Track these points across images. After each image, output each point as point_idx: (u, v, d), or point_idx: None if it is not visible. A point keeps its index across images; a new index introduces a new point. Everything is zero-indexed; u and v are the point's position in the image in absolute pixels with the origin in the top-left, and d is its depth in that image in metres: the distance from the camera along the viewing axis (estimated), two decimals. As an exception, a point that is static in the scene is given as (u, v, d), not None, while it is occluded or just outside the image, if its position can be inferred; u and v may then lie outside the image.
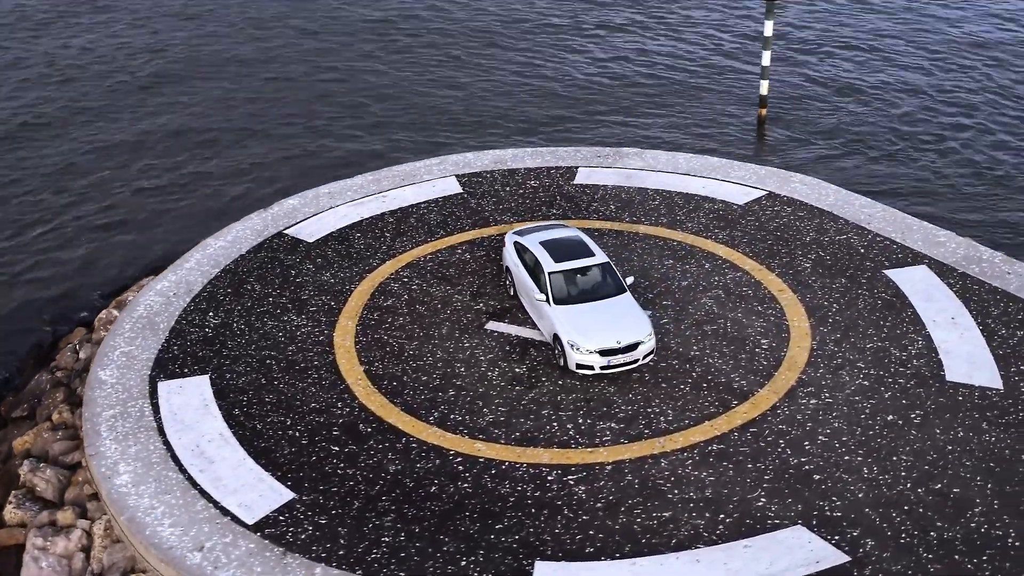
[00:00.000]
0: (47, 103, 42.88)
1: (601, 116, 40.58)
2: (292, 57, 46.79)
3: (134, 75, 45.55)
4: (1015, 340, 23.61)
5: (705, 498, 19.77)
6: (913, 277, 26.07)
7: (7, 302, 30.24)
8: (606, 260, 24.27)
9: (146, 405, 22.91)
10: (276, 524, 19.68)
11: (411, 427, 21.90)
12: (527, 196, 30.43)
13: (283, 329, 25.11)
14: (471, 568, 18.46)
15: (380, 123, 41.01)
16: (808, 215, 29.01)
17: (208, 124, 40.99)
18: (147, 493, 20.54)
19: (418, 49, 47.35)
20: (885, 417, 21.57)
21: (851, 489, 19.80)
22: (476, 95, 42.91)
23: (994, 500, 19.44)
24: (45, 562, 20.45)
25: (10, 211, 34.99)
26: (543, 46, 47.15)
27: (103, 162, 38.19)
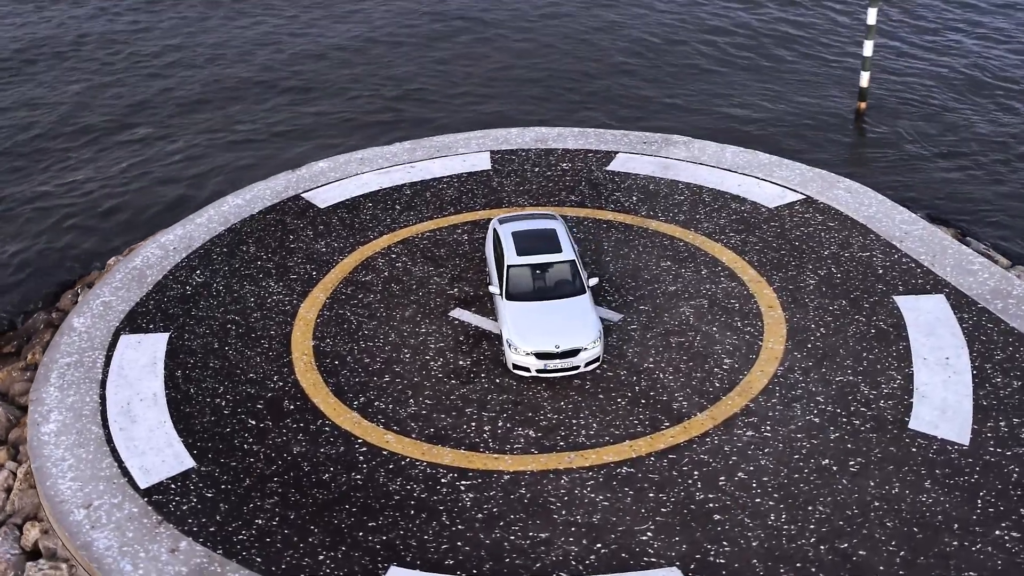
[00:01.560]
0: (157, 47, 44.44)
1: (685, 99, 38.68)
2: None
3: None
4: (1007, 391, 21.18)
5: (590, 523, 18.73)
6: (923, 307, 23.76)
7: (45, 239, 31.62)
8: (572, 258, 23.16)
9: (100, 357, 23.52)
10: (166, 491, 19.90)
11: (332, 410, 21.66)
12: (552, 179, 29.43)
13: (257, 295, 25.27)
14: (325, 564, 18.15)
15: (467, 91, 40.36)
16: (838, 226, 26.85)
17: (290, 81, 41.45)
18: (64, 444, 21.13)
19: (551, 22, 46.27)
20: (820, 461, 19.81)
21: (747, 536, 18.32)
22: (580, 70, 41.49)
23: (899, 571, 17.56)
24: (-21, 497, 21.37)
25: (60, 149, 36.44)
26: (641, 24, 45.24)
27: (166, 109, 39.22)
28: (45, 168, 35.35)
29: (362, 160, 31.28)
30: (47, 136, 37.34)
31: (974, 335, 22.81)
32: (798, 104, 37.56)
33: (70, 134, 37.44)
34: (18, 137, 37.11)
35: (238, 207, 29.08)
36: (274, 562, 18.25)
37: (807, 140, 35.00)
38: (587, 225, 27.36)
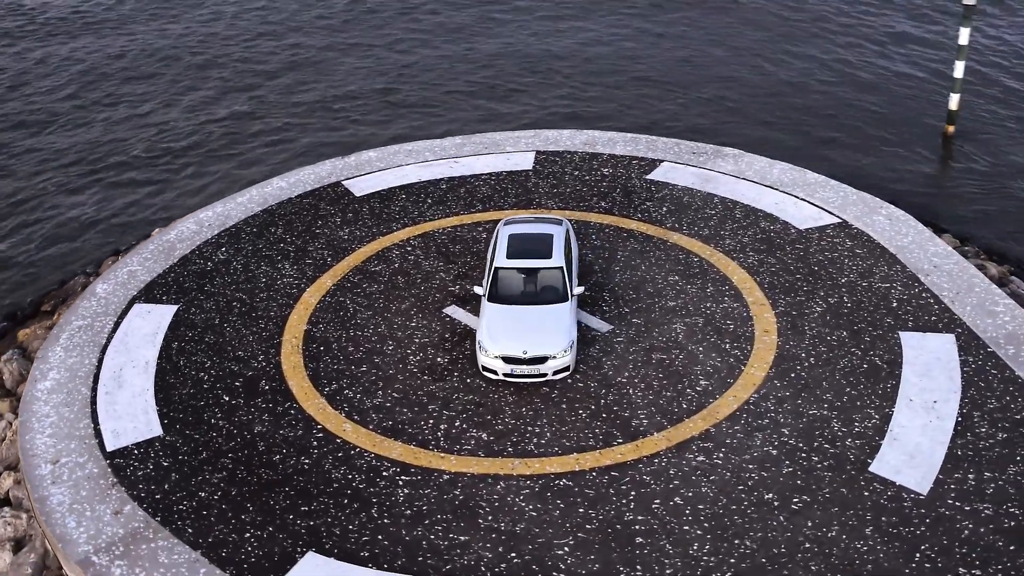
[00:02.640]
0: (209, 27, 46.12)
1: (767, 113, 37.70)
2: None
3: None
4: (988, 443, 20.03)
5: (511, 532, 18.72)
6: (928, 345, 22.65)
7: (109, 203, 33.33)
8: (560, 265, 23.07)
9: (110, 323, 24.77)
10: (128, 456, 20.87)
11: (303, 394, 22.25)
12: (589, 183, 29.30)
13: (269, 276, 26.10)
14: (248, 542, 18.73)
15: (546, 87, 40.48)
16: (865, 254, 25.82)
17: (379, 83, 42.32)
18: (53, 402, 22.40)
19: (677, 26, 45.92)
20: (763, 495, 19.21)
21: (663, 563, 17.97)
22: (685, 81, 41.02)
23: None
24: (-29, 444, 22.89)
25: (150, 126, 38.23)
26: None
27: (265, 82, 40.60)
28: (122, 127, 37.22)
29: (410, 152, 31.77)
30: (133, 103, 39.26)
31: (973, 380, 21.61)
32: (883, 124, 36.08)
33: (158, 100, 39.27)
34: (104, 101, 39.16)
35: (280, 189, 30.00)
36: (202, 535, 18.90)
37: (888, 162, 33.63)
38: (608, 233, 27.11)
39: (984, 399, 21.07)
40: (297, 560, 18.32)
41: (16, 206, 33.37)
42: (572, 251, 24.14)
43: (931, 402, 21.07)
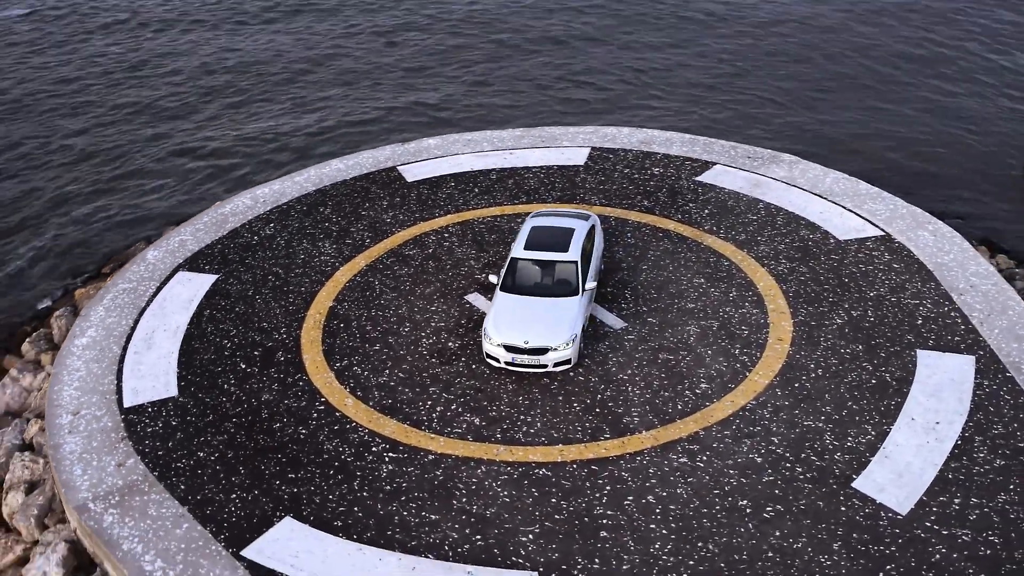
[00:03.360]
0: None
1: (846, 127, 36.99)
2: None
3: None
4: (983, 469, 19.51)
5: (481, 515, 19.14)
6: (944, 365, 22.12)
7: (191, 178, 34.90)
8: (574, 260, 23.31)
9: (152, 288, 26.09)
10: (141, 413, 22.05)
11: (314, 368, 23.07)
12: (636, 182, 29.38)
13: (308, 253, 27.04)
14: (233, 503, 19.62)
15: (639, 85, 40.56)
16: (901, 269, 25.29)
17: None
18: (86, 357, 23.78)
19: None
20: (737, 501, 19.16)
21: (622, 558, 18.14)
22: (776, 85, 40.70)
23: None
24: (10, 389, 24.50)
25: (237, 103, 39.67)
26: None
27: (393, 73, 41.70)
28: (223, 113, 38.83)
29: (468, 141, 32.31)
30: (229, 84, 40.91)
31: (983, 404, 21.01)
32: (967, 145, 35.02)
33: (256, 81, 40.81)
34: (200, 82, 40.91)
35: (337, 171, 30.95)
36: (193, 492, 19.85)
37: (970, 183, 32.68)
38: (644, 231, 27.15)
39: (990, 424, 20.46)
40: (274, 524, 19.05)
41: (109, 177, 35.21)
42: (595, 247, 24.27)
43: (933, 423, 20.57)
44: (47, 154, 36.90)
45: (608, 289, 24.89)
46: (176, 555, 18.37)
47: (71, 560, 19.34)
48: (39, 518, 20.36)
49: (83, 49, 46.32)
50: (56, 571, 19.20)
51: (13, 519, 20.59)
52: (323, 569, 17.98)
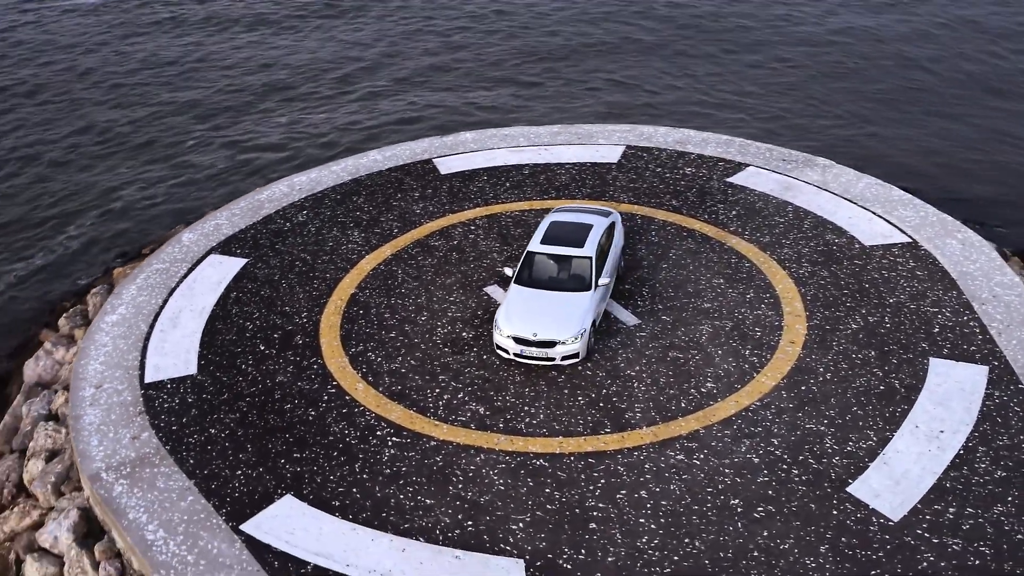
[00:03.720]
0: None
1: (902, 138, 36.59)
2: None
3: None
4: (982, 479, 19.36)
5: (475, 502, 19.50)
6: (955, 374, 21.95)
7: (240, 167, 35.81)
8: (588, 256, 23.55)
9: (184, 269, 26.90)
10: (160, 389, 22.80)
11: (330, 352, 23.64)
12: (667, 181, 29.48)
13: (337, 241, 27.64)
14: (238, 478, 20.24)
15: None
16: (924, 276, 25.10)
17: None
18: (114, 333, 24.64)
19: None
20: (729, 500, 19.28)
21: (608, 550, 18.37)
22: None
23: None
24: (44, 361, 25.46)
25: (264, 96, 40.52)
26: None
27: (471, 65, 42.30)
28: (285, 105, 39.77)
29: (505, 136, 32.67)
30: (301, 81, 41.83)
31: (991, 415, 20.81)
32: (1019, 163, 34.52)
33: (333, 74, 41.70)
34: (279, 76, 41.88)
35: (374, 161, 31.52)
36: (200, 467, 20.51)
37: (1014, 197, 32.26)
38: (669, 230, 27.27)
39: (996, 435, 20.26)
40: (275, 501, 19.60)
41: (161, 166, 36.28)
42: (613, 244, 24.45)
43: (937, 431, 20.43)
44: (105, 141, 38.09)
45: (626, 286, 25.05)
46: (178, 526, 19.00)
47: (82, 527, 20.08)
48: (56, 485, 21.15)
49: (146, 42, 47.63)
50: (67, 536, 19.95)
51: (32, 485, 21.42)
52: (316, 547, 18.46)
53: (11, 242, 31.79)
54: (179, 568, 18.16)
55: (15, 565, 20.35)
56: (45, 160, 36.56)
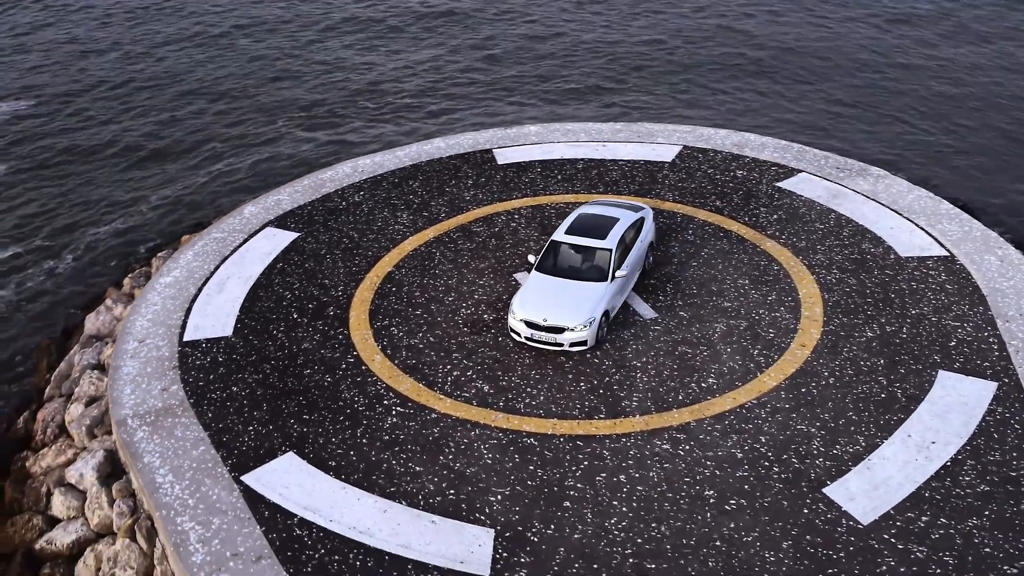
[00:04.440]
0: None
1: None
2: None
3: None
4: (963, 492, 19.35)
5: (460, 472, 20.44)
6: (961, 388, 21.91)
7: (326, 149, 37.51)
8: (608, 248, 24.23)
9: (240, 239, 28.58)
10: (196, 347, 24.44)
11: (356, 324, 24.91)
12: (715, 182, 29.84)
13: (385, 222, 28.94)
14: (248, 433, 21.62)
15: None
16: (953, 290, 24.97)
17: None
18: (164, 294, 26.43)
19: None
20: (703, 491, 19.78)
21: (576, 527, 19.09)
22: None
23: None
24: (103, 316, 27.45)
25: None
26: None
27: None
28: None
29: (567, 131, 33.45)
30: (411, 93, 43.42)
31: (988, 430, 20.74)
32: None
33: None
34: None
35: (437, 148, 32.72)
36: (217, 419, 21.99)
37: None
38: (706, 230, 27.68)
39: (989, 450, 20.19)
40: (277, 457, 20.90)
41: (246, 142, 38.31)
42: (639, 239, 25.01)
43: (929, 442, 20.46)
44: (201, 128, 40.33)
45: (651, 281, 25.58)
46: (186, 472, 20.45)
47: (106, 467, 21.75)
48: (90, 428, 22.90)
49: (255, 44, 49.94)
50: (91, 474, 21.64)
51: (70, 426, 23.22)
52: (306, 501, 19.66)
53: (102, 207, 34.10)
54: (179, 509, 19.57)
55: (46, 497, 22.13)
56: (153, 139, 38.95)
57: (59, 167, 37.44)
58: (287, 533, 18.92)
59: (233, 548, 18.67)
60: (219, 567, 18.27)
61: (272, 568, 18.26)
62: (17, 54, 48.04)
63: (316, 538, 18.82)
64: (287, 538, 18.82)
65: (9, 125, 40.82)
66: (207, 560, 18.41)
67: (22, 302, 29.39)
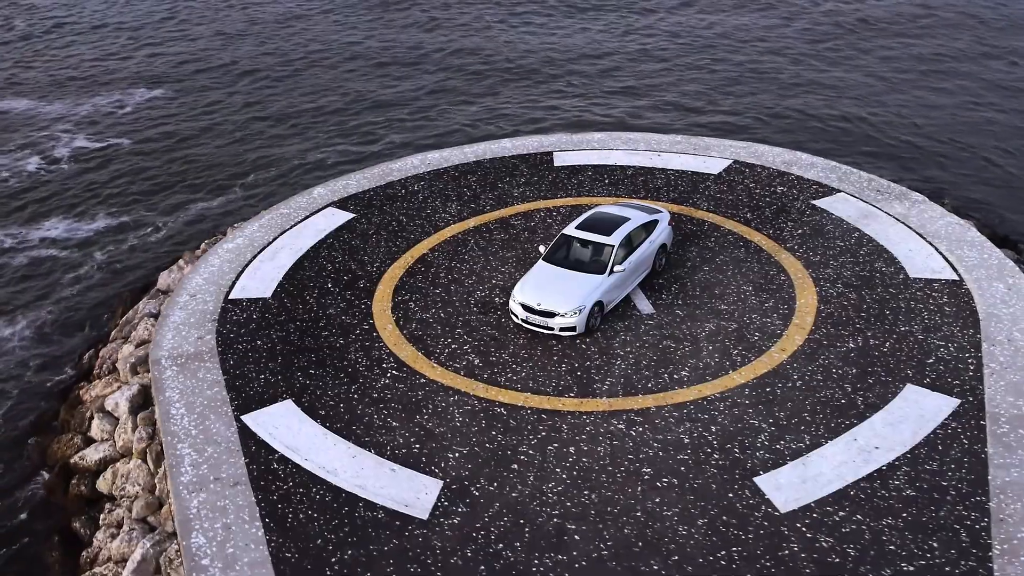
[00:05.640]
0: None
1: None
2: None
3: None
4: (885, 495, 20.08)
5: (430, 431, 22.46)
6: (923, 402, 22.63)
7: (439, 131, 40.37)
8: (612, 244, 25.95)
9: (302, 215, 31.55)
10: (237, 304, 27.39)
11: (380, 297, 27.38)
12: (754, 195, 30.95)
13: (434, 210, 31.37)
14: (257, 381, 24.29)
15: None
16: (950, 313, 25.60)
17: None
18: (224, 257, 29.53)
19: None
20: (641, 468, 21.20)
21: (518, 488, 20.87)
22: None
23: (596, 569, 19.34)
24: (174, 274, 30.79)
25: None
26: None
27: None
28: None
29: (628, 139, 35.19)
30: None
31: (934, 442, 21.53)
32: None
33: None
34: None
35: (503, 148, 35.00)
36: (235, 367, 24.80)
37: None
38: (728, 239, 29.00)
39: (928, 460, 21.00)
40: (276, 402, 23.52)
41: (357, 146, 41.52)
42: (649, 239, 26.56)
43: (872, 447, 21.40)
44: (330, 112, 43.85)
45: (660, 280, 27.09)
46: (197, 408, 23.27)
47: (139, 399, 24.83)
48: (133, 366, 26.06)
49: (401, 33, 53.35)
50: (124, 404, 24.75)
51: (118, 363, 26.47)
52: (290, 441, 22.15)
53: (215, 180, 37.91)
54: (182, 437, 22.37)
55: (88, 421, 25.37)
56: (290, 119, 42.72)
57: (180, 145, 41.52)
58: (266, 466, 21.40)
59: (217, 473, 21.27)
60: (201, 487, 20.89)
61: (244, 493, 20.76)
62: (154, 43, 52.94)
63: (289, 472, 21.22)
64: (264, 470, 21.29)
65: (142, 107, 45.32)
66: (193, 480, 21.08)
67: (116, 262, 33.09)
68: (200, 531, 19.75)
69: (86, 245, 34.24)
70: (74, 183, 38.64)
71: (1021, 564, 18.39)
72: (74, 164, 40.35)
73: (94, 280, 32.08)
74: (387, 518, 19.97)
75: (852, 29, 53.05)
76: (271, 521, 19.95)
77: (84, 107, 45.83)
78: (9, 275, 32.54)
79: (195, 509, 20.28)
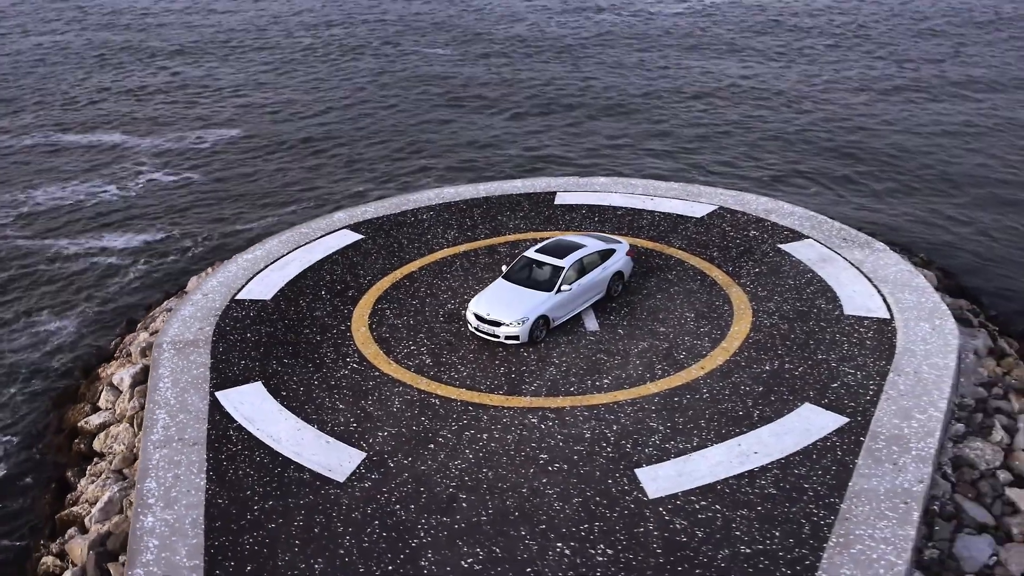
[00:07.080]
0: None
1: None
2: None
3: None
4: (748, 491, 22.22)
5: (369, 414, 25.61)
6: (813, 419, 24.84)
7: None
8: (563, 266, 28.92)
9: (318, 234, 35.44)
10: (240, 304, 31.09)
11: (362, 304, 30.86)
12: (725, 237, 33.27)
13: (434, 236, 34.84)
14: (239, 364, 27.98)
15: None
16: (869, 346, 27.56)
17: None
18: (242, 266, 33.50)
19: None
20: (539, 455, 23.90)
21: (426, 462, 23.84)
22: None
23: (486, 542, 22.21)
24: (201, 278, 35.05)
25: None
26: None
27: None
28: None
29: (629, 184, 38.14)
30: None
31: (811, 452, 23.49)
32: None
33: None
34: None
35: (513, 187, 38.36)
36: (223, 354, 28.49)
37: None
38: (689, 273, 31.57)
39: (799, 465, 23.13)
40: (247, 383, 27.12)
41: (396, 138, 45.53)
42: (603, 266, 29.39)
43: (752, 452, 23.69)
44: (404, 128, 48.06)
45: (613, 304, 29.86)
46: (180, 383, 27.02)
47: (140, 376, 28.76)
48: (143, 350, 30.08)
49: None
50: (127, 379, 28.70)
51: (132, 347, 30.55)
52: (248, 414, 25.62)
53: (261, 204, 42.25)
54: (161, 404, 26.09)
55: (99, 393, 29.42)
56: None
57: (243, 178, 46.09)
58: (223, 432, 24.90)
59: (182, 435, 24.87)
60: (165, 444, 24.52)
61: (198, 452, 24.29)
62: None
63: (240, 439, 24.67)
64: (220, 435, 24.79)
65: (220, 143, 50.25)
66: (160, 439, 24.70)
67: (156, 270, 37.50)
68: (154, 478, 23.27)
69: (136, 254, 38.75)
70: (140, 204, 43.51)
71: (850, 555, 20.37)
72: (144, 189, 45.31)
73: (137, 284, 36.43)
74: (310, 479, 23.12)
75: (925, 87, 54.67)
76: (214, 474, 23.33)
77: (166, 143, 51.17)
78: (66, 276, 37.20)
79: (155, 461, 23.83)
